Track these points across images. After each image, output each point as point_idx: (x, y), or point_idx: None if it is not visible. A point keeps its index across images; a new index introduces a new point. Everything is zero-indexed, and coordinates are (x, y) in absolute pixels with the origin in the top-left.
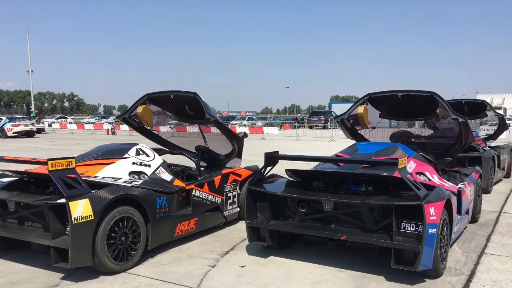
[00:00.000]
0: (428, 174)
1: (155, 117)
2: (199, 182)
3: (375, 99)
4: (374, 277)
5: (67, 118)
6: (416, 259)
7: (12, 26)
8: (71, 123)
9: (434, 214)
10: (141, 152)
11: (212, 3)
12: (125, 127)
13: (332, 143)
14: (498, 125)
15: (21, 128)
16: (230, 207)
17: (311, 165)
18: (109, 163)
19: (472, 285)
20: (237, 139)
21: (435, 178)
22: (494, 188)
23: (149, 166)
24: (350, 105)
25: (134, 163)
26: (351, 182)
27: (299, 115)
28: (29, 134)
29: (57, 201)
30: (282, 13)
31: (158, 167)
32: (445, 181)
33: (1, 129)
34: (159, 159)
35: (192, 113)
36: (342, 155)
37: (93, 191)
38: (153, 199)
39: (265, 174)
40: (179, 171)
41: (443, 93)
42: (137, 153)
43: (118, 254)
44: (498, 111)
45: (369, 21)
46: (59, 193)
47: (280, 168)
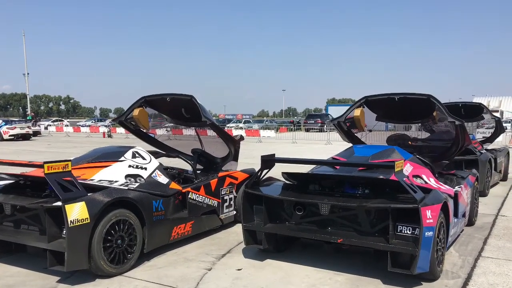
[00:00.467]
0: (424, 177)
1: (152, 120)
2: (195, 185)
3: (371, 102)
4: (370, 280)
5: (63, 121)
6: (412, 262)
7: (8, 29)
8: (67, 126)
9: (430, 217)
10: (137, 155)
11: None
12: (121, 130)
13: (328, 146)
14: (494, 128)
15: (17, 131)
16: (226, 210)
17: (307, 168)
18: (105, 166)
19: None
20: (233, 142)
21: (432, 181)
22: (490, 191)
23: (146, 169)
24: (346, 108)
25: (130, 166)
26: (347, 185)
27: (296, 118)
28: (25, 137)
29: (53, 204)
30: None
31: (154, 170)
32: (441, 184)
33: None
34: (156, 162)
35: (188, 116)
36: (338, 158)
37: (89, 194)
38: (150, 202)
39: (261, 177)
40: (175, 174)
41: (440, 96)
42: (134, 156)
43: (114, 257)
44: (494, 114)
45: (366, 24)
46: (55, 196)
47: (276, 171)
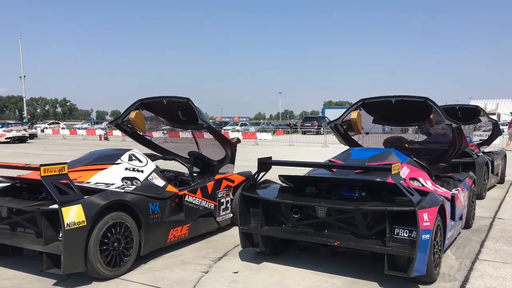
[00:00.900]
0: (421, 179)
1: (148, 122)
2: (192, 188)
3: (368, 104)
4: (367, 283)
5: (59, 123)
6: (409, 265)
7: (4, 31)
8: (64, 128)
9: (427, 220)
10: (134, 157)
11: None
12: (117, 133)
13: (325, 148)
14: (491, 131)
15: (14, 133)
16: (223, 213)
17: (304, 171)
18: (102, 169)
19: None
20: (230, 145)
21: (429, 184)
22: (488, 193)
23: (142, 171)
24: (343, 111)
25: (127, 169)
26: (344, 188)
27: (292, 120)
28: (21, 139)
29: (50, 207)
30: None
31: (151, 173)
32: (438, 186)
33: None
34: (152, 165)
35: (185, 118)
36: (335, 160)
37: (85, 197)
38: (146, 205)
39: (258, 179)
40: (172, 177)
41: (437, 98)
42: (130, 159)
43: (110, 260)
44: (491, 117)
45: (363, 26)
46: (52, 198)
47: (273, 173)
